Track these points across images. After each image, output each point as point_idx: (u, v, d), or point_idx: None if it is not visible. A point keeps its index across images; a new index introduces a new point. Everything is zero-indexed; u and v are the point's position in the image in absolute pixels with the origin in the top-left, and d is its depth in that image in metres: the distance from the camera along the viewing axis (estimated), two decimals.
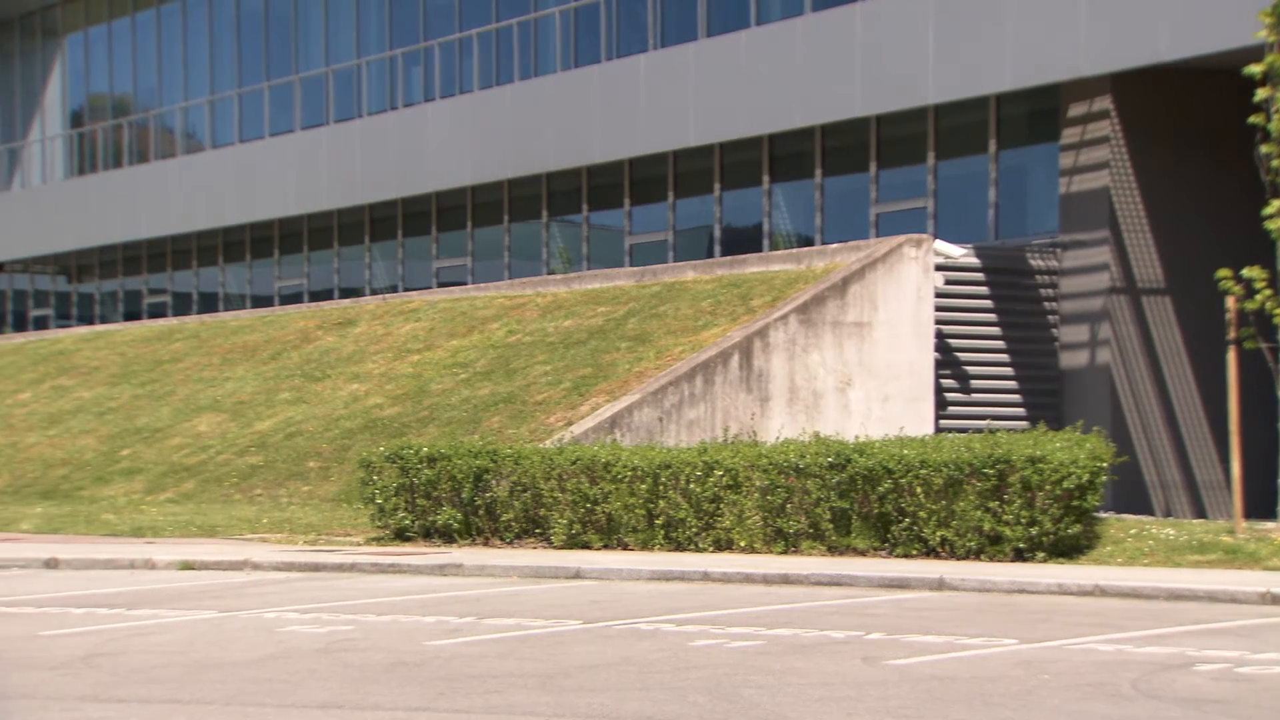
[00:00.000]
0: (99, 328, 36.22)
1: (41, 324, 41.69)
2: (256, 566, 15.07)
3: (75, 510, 22.00)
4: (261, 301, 35.99)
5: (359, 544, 16.87)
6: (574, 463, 16.12)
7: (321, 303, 32.29)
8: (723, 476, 15.46)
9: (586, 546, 15.86)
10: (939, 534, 14.47)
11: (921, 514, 14.55)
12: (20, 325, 42.30)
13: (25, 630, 10.76)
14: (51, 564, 15.60)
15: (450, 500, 16.59)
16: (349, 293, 34.07)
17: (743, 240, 27.28)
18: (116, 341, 33.00)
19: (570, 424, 20.23)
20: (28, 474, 25.83)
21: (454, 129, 30.92)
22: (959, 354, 21.67)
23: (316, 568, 14.96)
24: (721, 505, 15.47)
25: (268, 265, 36.72)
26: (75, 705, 7.80)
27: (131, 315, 38.79)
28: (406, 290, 32.16)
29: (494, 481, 16.43)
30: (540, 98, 29.39)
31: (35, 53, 42.54)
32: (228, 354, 29.76)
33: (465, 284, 30.97)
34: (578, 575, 14.02)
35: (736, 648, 9.70)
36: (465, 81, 31.87)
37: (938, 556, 14.45)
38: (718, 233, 27.97)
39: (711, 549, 15.40)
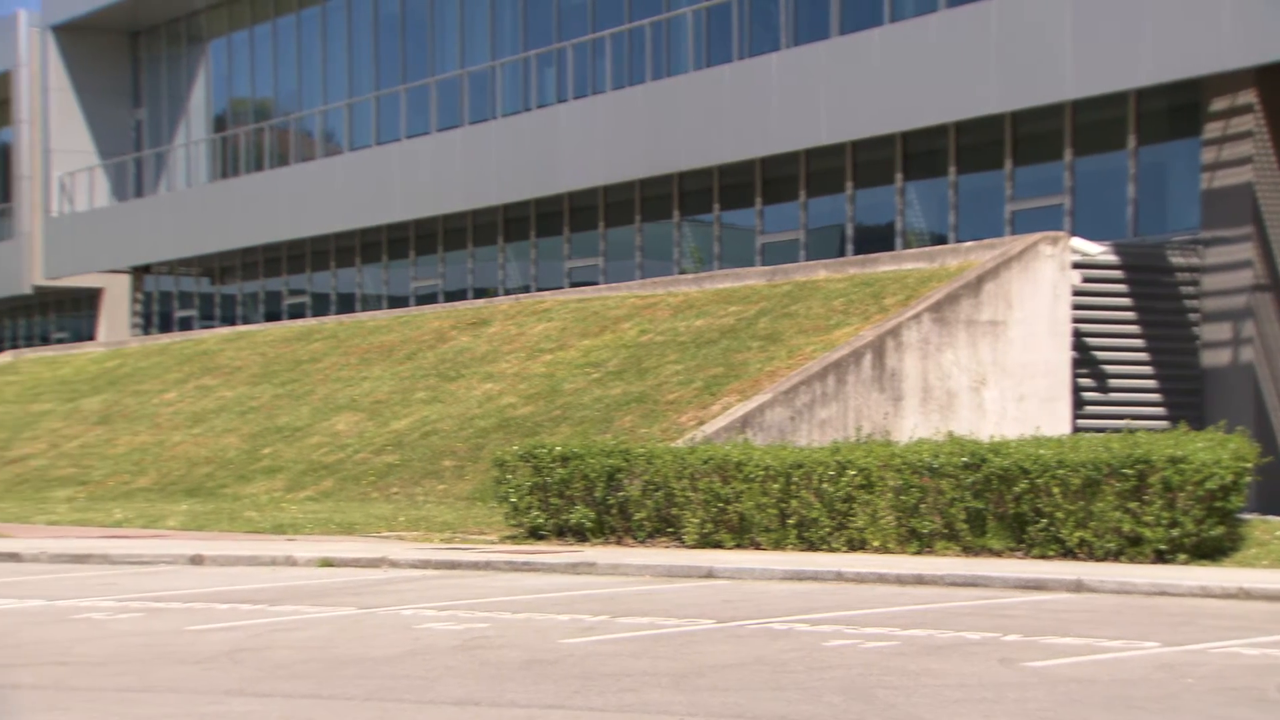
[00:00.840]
0: (241, 328, 36.90)
1: (186, 325, 42.57)
2: (394, 564, 15.27)
3: (219, 508, 22.45)
4: (398, 302, 36.44)
5: (493, 542, 17.02)
6: (706, 462, 16.13)
7: (456, 303, 32.62)
8: (856, 476, 15.38)
9: (719, 546, 15.86)
10: (1077, 535, 14.28)
11: (1059, 515, 14.37)
12: (166, 326, 43.22)
13: (172, 625, 11.01)
14: (197, 560, 15.94)
15: (583, 499, 16.68)
16: (483, 293, 34.38)
17: (875, 239, 27.11)
18: (257, 342, 33.60)
19: (702, 423, 20.25)
20: (173, 472, 26.40)
21: (587, 129, 31.07)
22: (1097, 353, 21.36)
23: (452, 565, 15.12)
24: (854, 505, 15.39)
25: (404, 266, 37.17)
26: (221, 699, 7.97)
27: (272, 316, 39.46)
28: (539, 290, 32.37)
29: (626, 481, 16.49)
30: (672, 97, 29.43)
31: (181, 59, 43.46)
32: (365, 354, 30.17)
33: (597, 284, 31.11)
34: (710, 575, 14.04)
35: (871, 648, 9.66)
36: (598, 82, 32.01)
37: (1075, 558, 14.26)
38: (850, 231, 27.82)
39: (845, 549, 15.34)
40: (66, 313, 48.47)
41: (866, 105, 25.77)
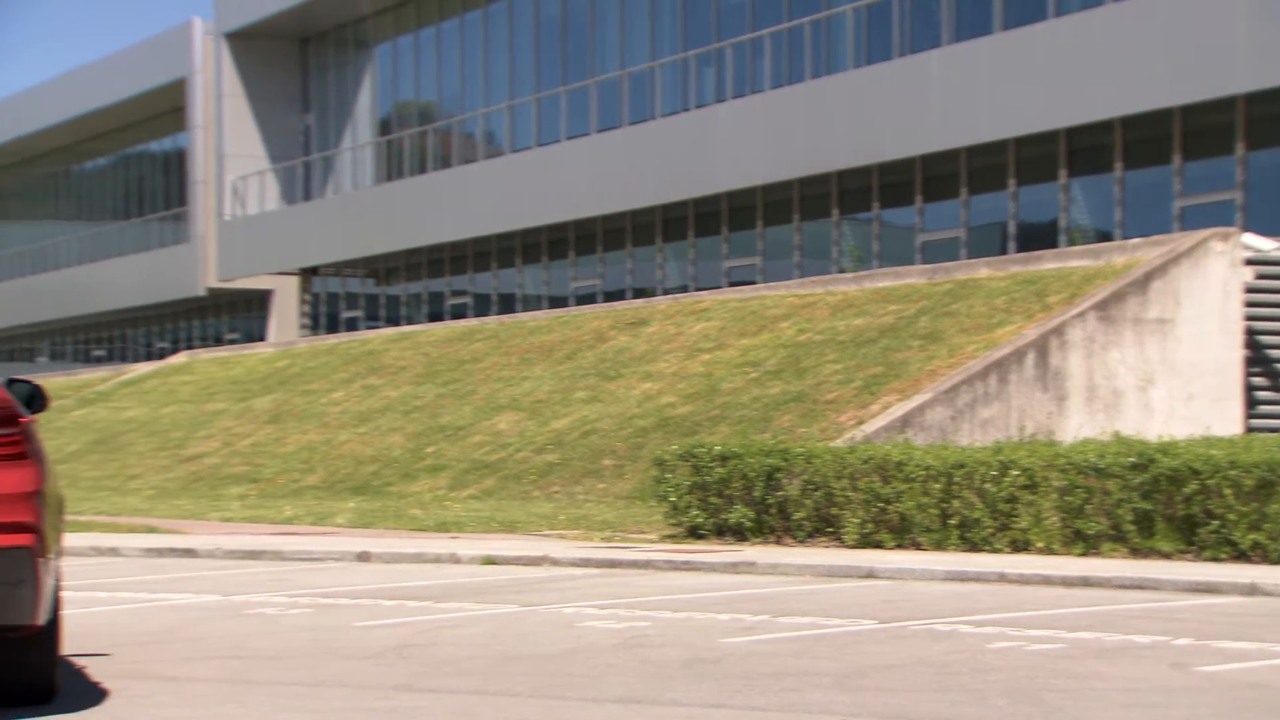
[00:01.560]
0: (405, 329, 37.47)
1: (352, 325, 43.34)
2: (555, 562, 15.41)
3: (384, 505, 22.83)
4: (558, 302, 36.73)
5: (653, 541, 17.10)
6: (866, 462, 16.05)
7: (615, 303, 32.80)
8: (1019, 476, 15.19)
9: (879, 546, 15.77)
10: (1250, 538, 13.96)
11: (1230, 516, 14.06)
12: (333, 327, 44.05)
13: (341, 621, 11.24)
14: (364, 557, 16.23)
15: (742, 498, 16.69)
16: (641, 293, 34.52)
17: (1038, 236, 26.73)
18: (421, 342, 34.10)
19: (861, 423, 20.14)
20: (341, 470, 26.89)
21: (745, 129, 31.05)
22: (1270, 351, 20.83)
23: (612, 564, 15.22)
24: (1018, 506, 15.21)
25: (563, 266, 37.47)
26: (389, 694, 8.12)
27: (435, 316, 40.02)
28: (698, 290, 32.42)
29: (785, 480, 16.47)
30: (831, 96, 29.31)
31: (348, 64, 44.27)
32: (525, 354, 30.46)
33: (755, 283, 31.08)
34: (870, 575, 13.96)
35: (1036, 650, 9.54)
36: (757, 81, 31.98)
37: (1248, 561, 13.94)
38: (1012, 229, 27.47)
39: (1008, 550, 15.15)
40: (238, 314, 49.63)
41: (1030, 101, 25.43)
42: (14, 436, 7.38)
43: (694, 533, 17.06)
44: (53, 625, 7.65)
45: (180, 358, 41.94)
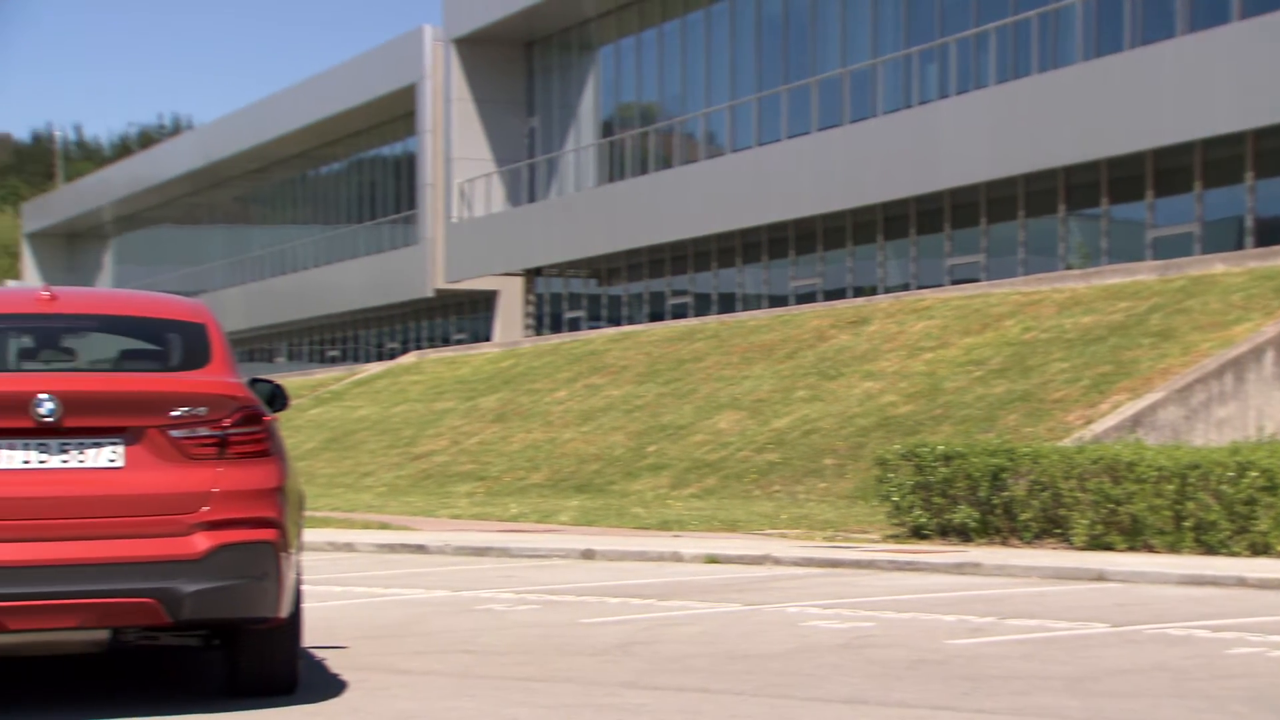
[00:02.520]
0: (626, 328, 37.80)
1: (574, 325, 43.87)
2: (777, 561, 15.41)
3: (607, 504, 23.08)
4: (777, 301, 36.69)
5: (875, 541, 16.99)
6: (1095, 462, 15.72)
7: (835, 302, 32.65)
8: (1258, 478, 14.73)
9: (1109, 548, 15.44)
10: None
11: None
12: (556, 327, 44.65)
13: (567, 618, 11.41)
14: (588, 555, 16.44)
15: (966, 499, 16.49)
16: (862, 291, 34.30)
17: (1277, 230, 25.87)
18: (642, 342, 34.37)
19: (1090, 422, 19.73)
20: (564, 468, 27.26)
21: (968, 125, 30.65)
22: None
23: (834, 564, 15.17)
24: (1257, 508, 14.75)
25: (783, 265, 37.41)
26: (616, 691, 8.23)
27: (656, 316, 40.29)
28: (919, 288, 32.10)
29: (1011, 480, 16.22)
30: (1059, 90, 28.76)
31: (571, 67, 44.83)
32: (746, 353, 30.50)
33: (978, 281, 30.64)
34: (1100, 577, 13.68)
35: (1278, 656, 9.25)
36: (981, 76, 31.53)
37: None
38: (1249, 223, 26.63)
39: (1246, 553, 14.71)
40: (465, 314, 50.61)
41: (1270, 91, 24.62)
42: (258, 434, 7.64)
43: (917, 533, 16.91)
44: (295, 618, 7.89)
45: (410, 358, 42.93)
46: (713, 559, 15.68)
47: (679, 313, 39.58)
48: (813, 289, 36.16)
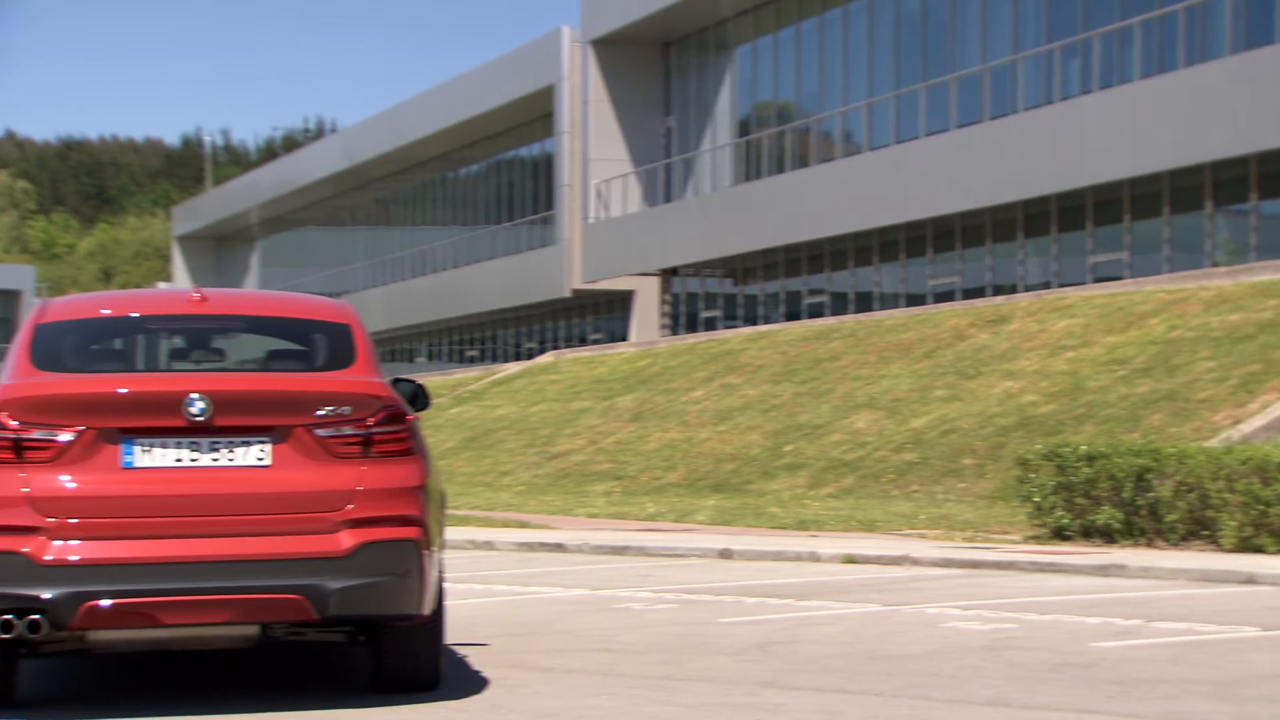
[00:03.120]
0: (762, 328, 37.74)
1: (710, 325, 43.88)
2: (915, 562, 15.30)
3: (744, 503, 23.06)
4: (915, 300, 36.40)
5: (1016, 542, 16.80)
6: (1244, 463, 15.40)
7: (974, 300, 32.32)
8: None
9: (1259, 550, 15.11)
10: None
11: None
12: (692, 326, 44.69)
13: (704, 617, 11.43)
14: (725, 554, 16.44)
15: (1110, 499, 16.23)
16: (1001, 290, 33.91)
17: None
18: (778, 341, 34.29)
19: (1238, 422, 19.34)
20: (700, 468, 27.28)
21: (1112, 120, 30.16)
22: None
23: (974, 565, 15.02)
24: None
25: (921, 264, 37.10)
26: (754, 691, 8.23)
27: (792, 315, 40.17)
28: (1060, 286, 31.67)
29: (1156, 481, 15.94)
30: (1206, 84, 28.21)
31: (708, 67, 44.84)
32: (883, 352, 30.30)
33: (1122, 278, 30.15)
34: (1251, 580, 13.40)
35: None
36: (1125, 71, 31.03)
37: None
38: None
39: None
40: (601, 314, 50.83)
41: None
42: (401, 433, 7.75)
43: (1059, 534, 16.69)
44: (437, 616, 7.98)
45: (547, 357, 43.22)
46: (850, 559, 15.61)
47: (815, 312, 39.42)
48: (951, 287, 35.81)
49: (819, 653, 9.52)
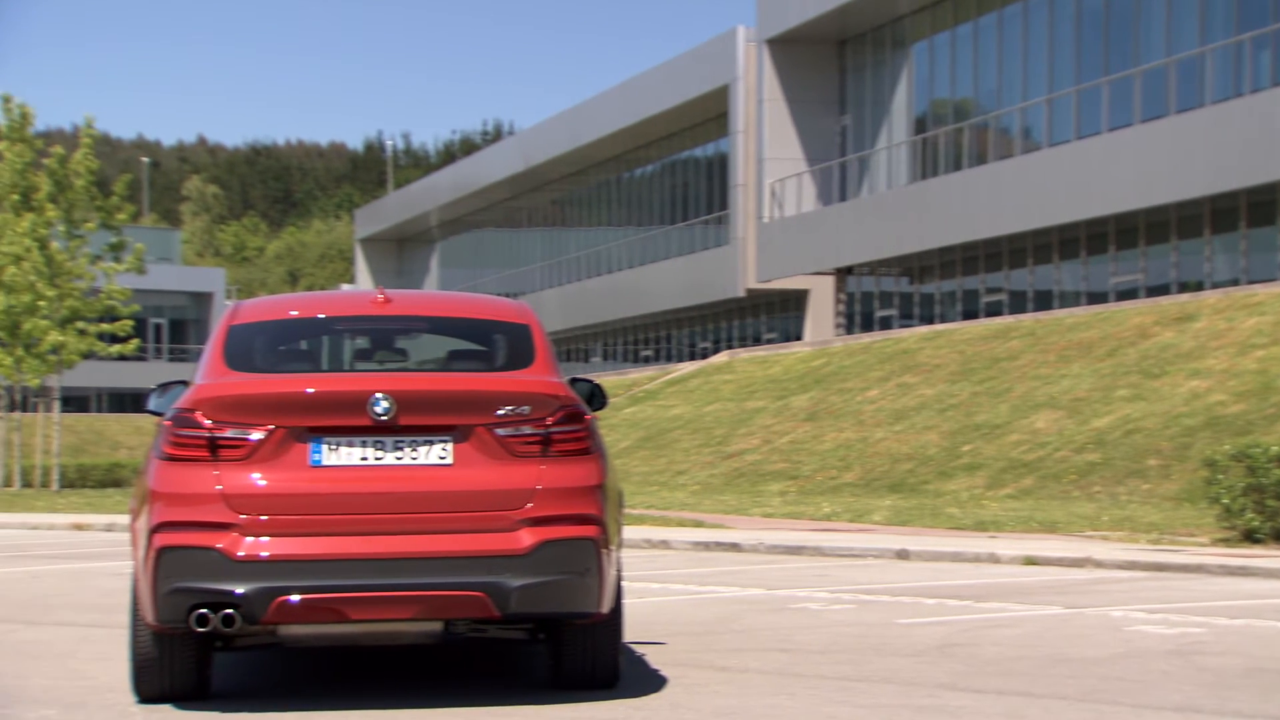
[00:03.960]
0: (939, 327, 37.35)
1: (886, 324, 43.54)
2: (1098, 564, 15.03)
3: (920, 504, 22.85)
4: (1096, 298, 35.74)
5: (1203, 544, 16.41)
6: None
7: (1158, 298, 31.64)
8: None
9: None
10: None
11: None
12: (867, 325, 44.39)
13: (882, 618, 11.35)
14: (902, 555, 16.31)
15: None
16: (1186, 287, 33.15)
17: None
18: (955, 340, 33.90)
19: None
20: (876, 468, 27.10)
21: None
22: None
23: (1160, 567, 14.71)
24: None
25: (1102, 261, 36.40)
26: (935, 693, 8.15)
27: (969, 314, 39.68)
28: (1250, 283, 30.84)
29: None
30: None
31: (884, 64, 44.50)
32: (1063, 351, 29.80)
33: None
34: None
35: None
36: None
37: None
38: None
39: None
40: (776, 314, 50.72)
41: None
42: (579, 433, 7.81)
43: (1249, 536, 16.27)
44: (616, 614, 8.02)
45: (722, 357, 43.25)
46: (1031, 560, 15.38)
47: (993, 310, 38.89)
48: (1134, 285, 35.09)
49: (1000, 655, 9.40)
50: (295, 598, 7.35)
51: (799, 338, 47.85)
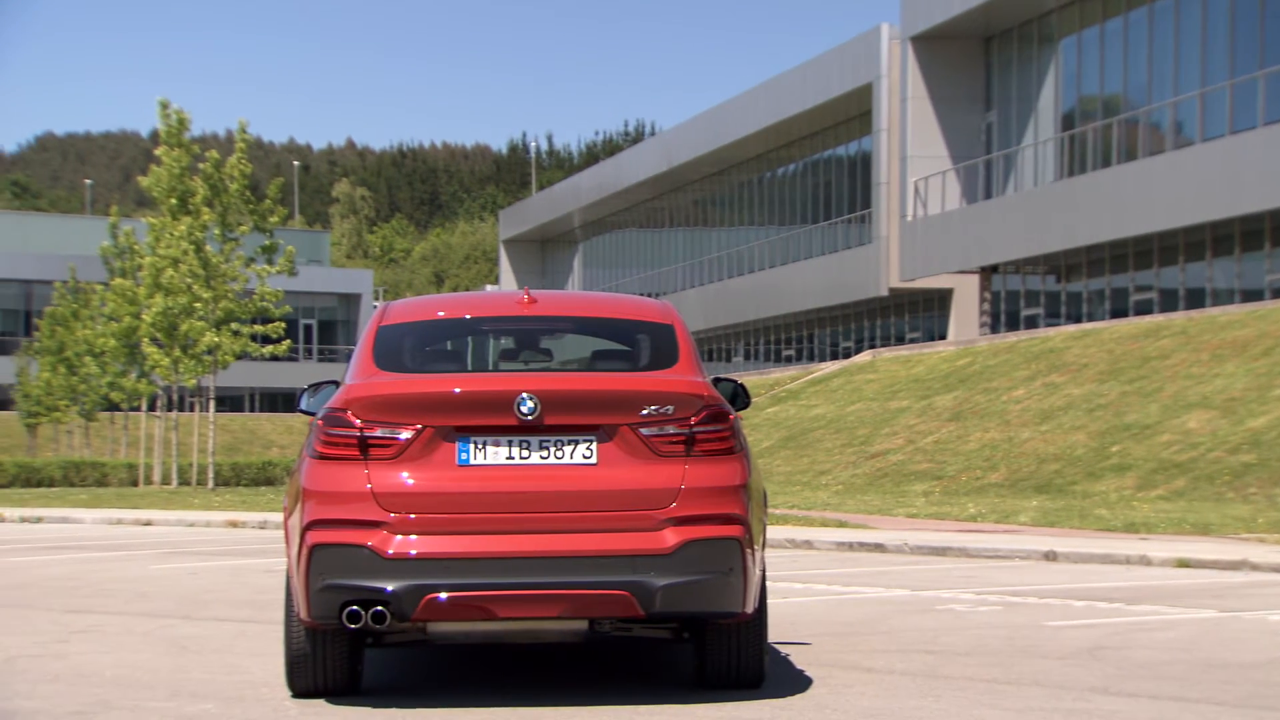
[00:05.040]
0: (1086, 326, 36.78)
1: (1031, 323, 42.97)
2: (1254, 567, 14.71)
3: (1068, 505, 22.52)
4: (1251, 296, 34.95)
5: None
6: None
7: None
8: None
9: None
10: None
11: None
12: (1012, 324, 43.84)
13: (1030, 620, 11.21)
14: (1050, 556, 16.09)
15: None
16: None
17: None
18: (1104, 339, 33.36)
19: None
20: (1023, 468, 26.76)
21: None
22: None
23: None
24: None
25: (1258, 259, 35.60)
26: (1085, 696, 8.04)
27: (1118, 313, 39.03)
28: None
29: None
30: None
31: (1031, 60, 43.93)
32: (1216, 350, 29.20)
33: None
34: None
35: None
36: None
37: None
38: None
39: None
40: (919, 313, 50.30)
41: None
42: (723, 432, 7.81)
43: None
44: (760, 614, 8.00)
45: (864, 357, 42.98)
46: (1184, 563, 15.09)
47: (1143, 309, 38.20)
48: None
49: (1152, 659, 9.24)
50: (443, 595, 7.43)
51: (943, 337, 47.37)
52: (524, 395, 7.67)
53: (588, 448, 7.70)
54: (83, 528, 24.18)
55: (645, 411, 7.72)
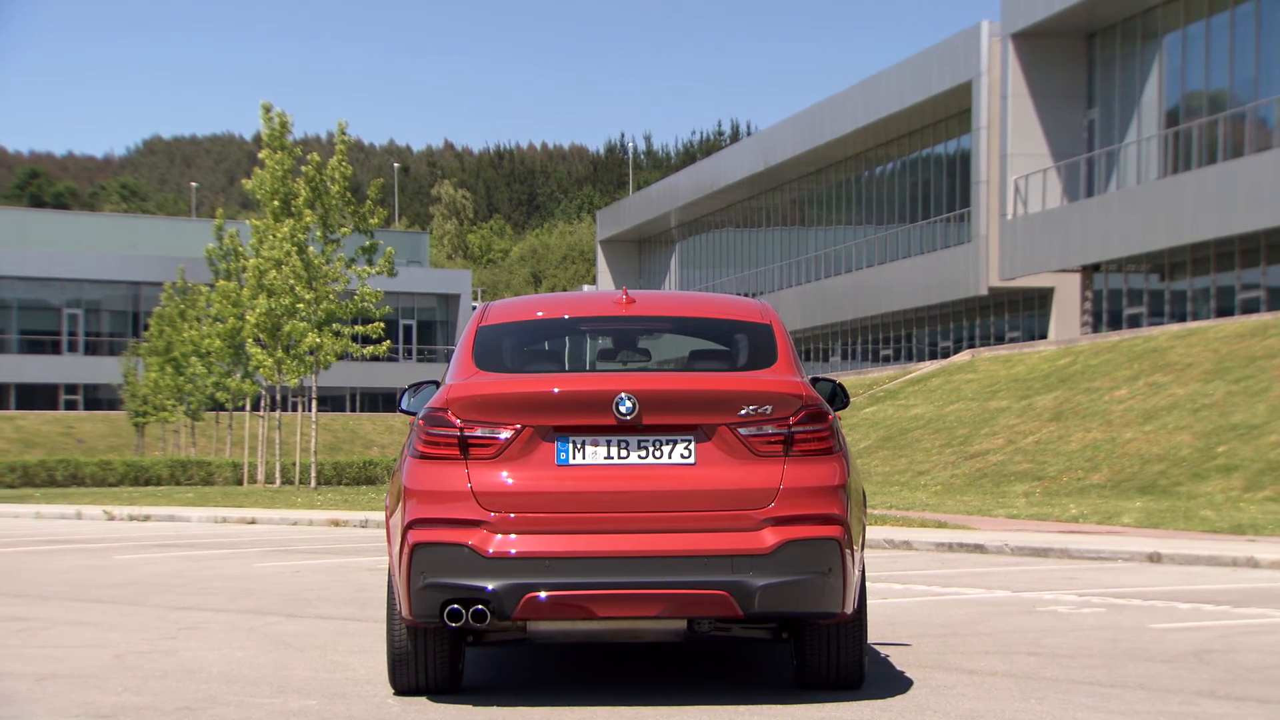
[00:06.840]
0: (1191, 324, 36.24)
1: (1134, 322, 42.41)
2: None
3: (1173, 506, 22.21)
4: None
5: None
6: None
7: None
8: None
9: None
10: None
11: None
12: (1115, 323, 43.30)
13: (1134, 622, 11.07)
14: (1154, 558, 15.89)
15: None
16: None
17: None
18: (1209, 338, 32.87)
19: None
20: (1125, 469, 26.42)
21: None
22: None
23: None
24: None
25: None
26: (1192, 700, 7.93)
27: (1224, 311, 38.42)
28: None
29: None
30: None
31: (1134, 56, 43.38)
32: None
33: None
34: None
35: None
36: None
37: None
38: None
39: None
40: (1019, 312, 49.82)
41: None
42: (822, 432, 7.77)
43: None
44: (859, 614, 7.96)
45: (963, 356, 42.63)
46: None
47: (1250, 307, 37.58)
48: None
49: (1261, 662, 9.09)
50: (543, 594, 7.46)
51: (1043, 336, 46.87)
52: (622, 395, 7.67)
53: (686, 447, 7.69)
54: (189, 526, 24.56)
55: (744, 411, 7.71)
